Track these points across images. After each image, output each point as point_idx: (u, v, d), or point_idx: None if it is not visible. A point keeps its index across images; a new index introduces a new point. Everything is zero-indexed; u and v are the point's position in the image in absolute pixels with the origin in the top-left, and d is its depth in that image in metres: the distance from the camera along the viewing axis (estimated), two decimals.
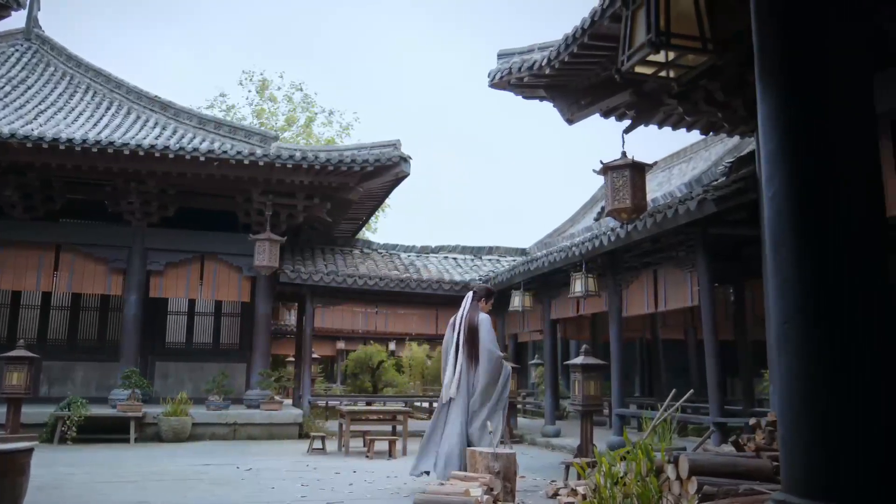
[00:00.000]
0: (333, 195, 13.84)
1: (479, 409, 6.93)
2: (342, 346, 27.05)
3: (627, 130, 7.63)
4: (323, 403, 16.17)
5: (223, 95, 30.59)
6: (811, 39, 2.44)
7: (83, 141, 11.65)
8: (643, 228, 8.66)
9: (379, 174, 13.27)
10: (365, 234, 26.05)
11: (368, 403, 17.07)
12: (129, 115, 14.37)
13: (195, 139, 13.23)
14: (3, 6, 10.70)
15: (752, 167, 7.30)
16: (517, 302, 12.47)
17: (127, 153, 11.89)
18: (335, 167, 12.81)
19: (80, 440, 10.66)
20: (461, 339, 7.12)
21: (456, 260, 16.49)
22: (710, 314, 8.47)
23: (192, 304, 15.46)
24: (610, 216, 7.41)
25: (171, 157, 12.08)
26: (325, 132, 30.20)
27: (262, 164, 12.43)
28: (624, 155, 6.89)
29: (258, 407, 12.75)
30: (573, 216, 24.49)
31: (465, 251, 16.97)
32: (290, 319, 24.03)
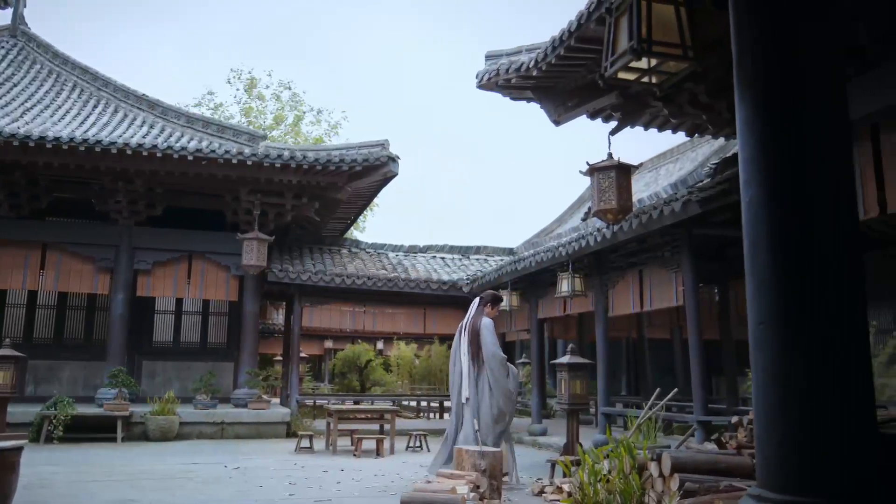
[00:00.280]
0: (322, 195, 13.86)
1: (491, 409, 7.20)
2: (330, 345, 27.05)
3: (614, 132, 7.70)
4: (311, 402, 16.19)
5: (211, 93, 30.45)
6: (785, 52, 2.52)
7: (70, 139, 11.61)
8: (629, 229, 8.75)
9: (367, 174, 13.30)
10: (353, 233, 26.05)
11: (356, 402, 17.13)
12: (116, 113, 14.32)
13: (183, 138, 13.21)
14: None
15: (736, 169, 7.33)
16: (504, 301, 12.52)
17: (114, 152, 11.85)
18: (323, 167, 12.83)
19: (66, 439, 10.63)
20: (466, 343, 7.48)
21: (444, 259, 16.55)
22: (694, 314, 8.58)
23: (179, 303, 15.42)
24: (596, 217, 7.49)
25: (158, 156, 12.06)
26: (313, 131, 30.19)
27: (250, 163, 12.43)
28: (610, 156, 6.96)
29: (246, 406, 12.75)
30: (561, 216, 24.61)
31: (452, 251, 17.03)
32: (277, 318, 24.01)
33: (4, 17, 16.79)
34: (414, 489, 5.55)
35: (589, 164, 6.99)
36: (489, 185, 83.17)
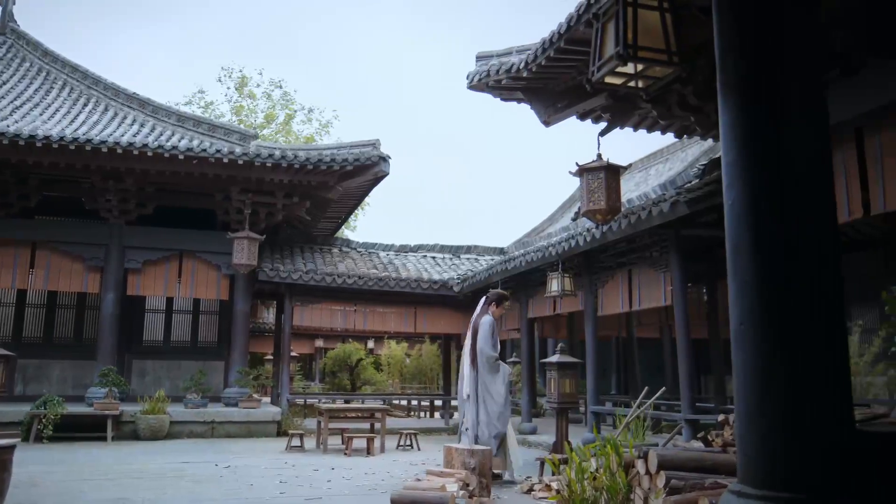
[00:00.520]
0: (313, 194, 13.88)
1: (485, 406, 7.45)
2: (321, 344, 27.06)
3: (603, 133, 7.76)
4: (301, 401, 16.21)
5: (201, 92, 30.34)
6: (767, 59, 2.58)
7: (60, 138, 11.59)
8: (618, 229, 8.82)
9: (358, 173, 13.33)
10: (344, 232, 26.05)
11: (347, 401, 17.14)
12: (106, 111, 14.29)
13: (174, 137, 13.19)
14: None
15: None
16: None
17: (105, 151, 11.84)
18: (314, 166, 12.85)
19: (56, 439, 10.62)
20: (469, 340, 7.80)
21: (434, 259, 16.59)
22: (682, 314, 8.66)
23: (169, 302, 15.40)
24: (585, 217, 7.55)
25: (149, 154, 12.04)
26: (304, 129, 30.17)
27: (241, 162, 12.44)
28: (599, 157, 7.02)
29: (236, 405, 12.76)
30: (552, 215, 24.70)
31: (443, 250, 17.07)
32: (268, 317, 23.98)
33: None
34: (404, 487, 5.60)
35: (578, 164, 7.05)
36: (481, 184, 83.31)
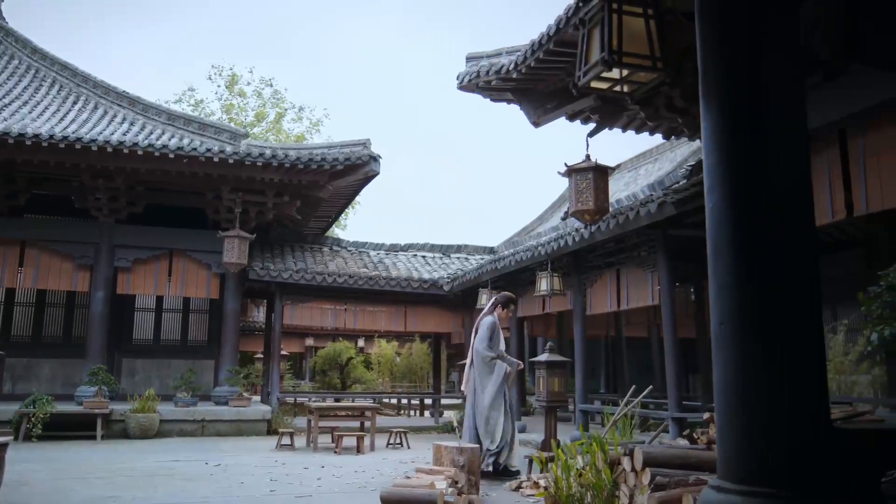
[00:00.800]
0: (303, 193, 13.90)
1: (482, 403, 7.69)
2: (311, 342, 27.05)
3: (592, 134, 7.83)
4: (291, 400, 16.24)
5: (192, 90, 30.27)
6: (747, 65, 2.65)
7: (50, 137, 11.56)
8: (606, 230, 8.90)
9: (349, 173, 13.35)
10: (335, 231, 26.05)
11: (337, 400, 17.13)
12: (96, 110, 14.25)
13: (164, 135, 13.18)
14: None
15: None
16: (484, 300, 12.64)
17: (95, 150, 11.81)
18: (305, 165, 12.86)
19: (45, 437, 10.60)
20: (473, 339, 8.05)
21: (425, 258, 16.64)
22: (670, 313, 8.74)
23: (159, 300, 15.38)
24: (574, 217, 7.62)
25: (139, 153, 12.02)
26: (294, 128, 30.14)
27: (231, 161, 12.44)
28: (588, 158, 7.09)
29: (226, 403, 12.77)
30: (542, 214, 24.78)
31: (433, 249, 17.12)
32: (258, 316, 23.96)
33: None
34: (393, 485, 5.65)
35: (567, 165, 7.11)
36: (471, 183, 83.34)
